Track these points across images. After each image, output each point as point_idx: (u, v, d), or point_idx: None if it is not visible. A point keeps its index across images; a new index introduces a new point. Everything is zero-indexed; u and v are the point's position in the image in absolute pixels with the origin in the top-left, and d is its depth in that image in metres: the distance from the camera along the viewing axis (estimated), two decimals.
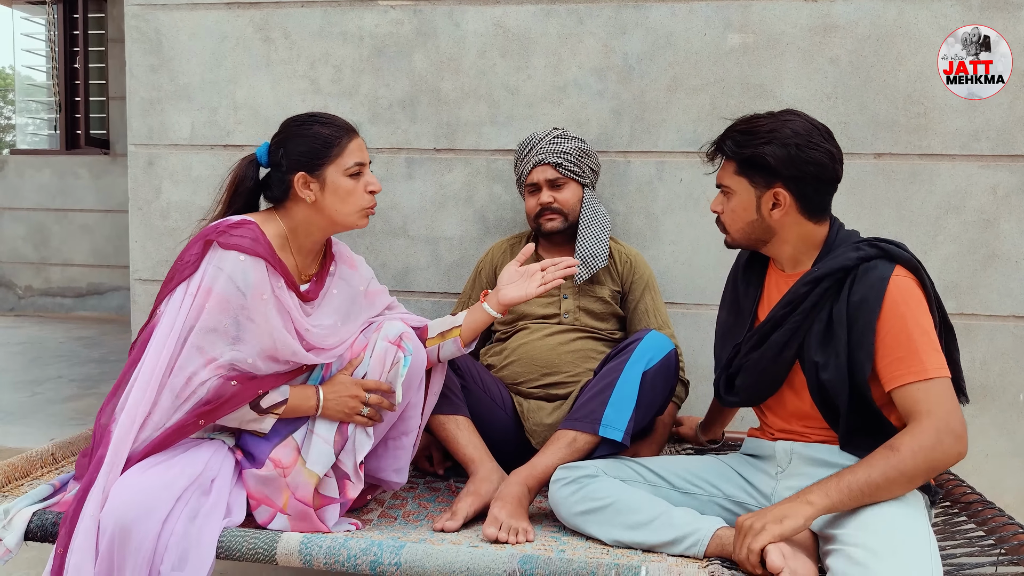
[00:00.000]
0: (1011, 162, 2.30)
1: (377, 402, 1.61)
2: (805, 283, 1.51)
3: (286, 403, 1.58)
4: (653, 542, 1.50)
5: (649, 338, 1.80)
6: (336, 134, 1.62)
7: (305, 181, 1.60)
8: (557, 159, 2.11)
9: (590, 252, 2.09)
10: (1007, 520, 1.50)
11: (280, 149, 1.63)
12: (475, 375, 1.98)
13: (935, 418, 1.35)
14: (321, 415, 1.60)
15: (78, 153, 6.47)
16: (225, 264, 1.52)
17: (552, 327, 2.10)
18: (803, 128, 1.50)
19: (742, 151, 1.52)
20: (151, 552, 1.36)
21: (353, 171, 1.62)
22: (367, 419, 1.60)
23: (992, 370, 2.34)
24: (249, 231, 1.56)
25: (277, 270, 1.58)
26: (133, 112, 2.65)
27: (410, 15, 2.51)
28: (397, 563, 1.38)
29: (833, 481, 1.36)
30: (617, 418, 1.71)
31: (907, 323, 1.40)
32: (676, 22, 2.40)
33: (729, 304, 1.73)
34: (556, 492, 1.63)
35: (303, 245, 1.66)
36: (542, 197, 2.12)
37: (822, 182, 1.51)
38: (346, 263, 1.78)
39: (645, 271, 2.18)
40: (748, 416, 2.41)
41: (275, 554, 1.43)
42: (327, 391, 1.60)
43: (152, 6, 2.62)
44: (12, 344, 4.98)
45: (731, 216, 1.59)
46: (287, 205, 1.65)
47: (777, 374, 1.57)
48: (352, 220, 1.65)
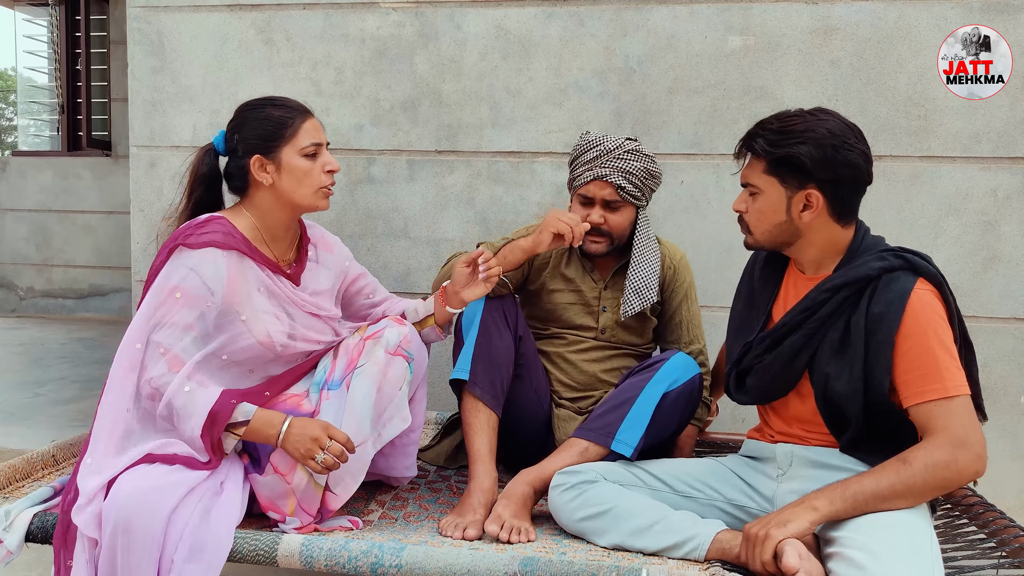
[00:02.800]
0: (1012, 164, 2.30)
1: (337, 453, 1.50)
2: (824, 290, 1.47)
3: (247, 425, 1.51)
4: (654, 547, 1.50)
5: (675, 359, 1.78)
6: (289, 115, 1.62)
7: (261, 164, 1.60)
8: (620, 180, 1.87)
9: (644, 285, 1.93)
10: (1009, 523, 1.49)
11: (235, 135, 1.63)
12: (531, 365, 1.95)
13: (951, 435, 1.33)
14: (281, 446, 1.52)
15: (80, 155, 6.47)
16: (194, 262, 1.53)
17: (589, 342, 2.01)
18: (838, 128, 1.44)
19: (775, 150, 1.46)
20: (157, 544, 1.35)
21: (309, 151, 1.62)
22: (320, 467, 1.49)
23: (993, 372, 2.34)
24: (219, 226, 1.57)
25: (257, 261, 1.59)
26: (135, 114, 2.66)
27: (411, 17, 2.52)
28: (398, 565, 1.38)
29: (839, 488, 1.35)
30: (630, 435, 1.70)
31: (928, 339, 1.38)
32: (677, 24, 2.40)
33: (745, 298, 1.70)
34: (556, 498, 1.63)
35: (274, 233, 1.66)
36: (593, 216, 1.90)
37: (856, 184, 1.47)
38: (324, 246, 1.79)
39: (686, 277, 2.04)
40: (748, 418, 2.41)
41: (276, 556, 1.43)
42: (293, 425, 1.51)
43: (154, 8, 2.62)
44: (14, 345, 4.99)
45: (757, 216, 1.53)
46: (249, 193, 1.65)
47: (788, 379, 1.55)
48: (311, 201, 1.64)
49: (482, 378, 1.81)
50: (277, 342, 1.60)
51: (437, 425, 2.34)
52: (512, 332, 1.88)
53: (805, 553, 1.30)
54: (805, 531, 1.32)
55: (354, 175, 2.58)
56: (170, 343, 1.51)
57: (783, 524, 1.33)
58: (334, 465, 1.50)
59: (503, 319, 1.86)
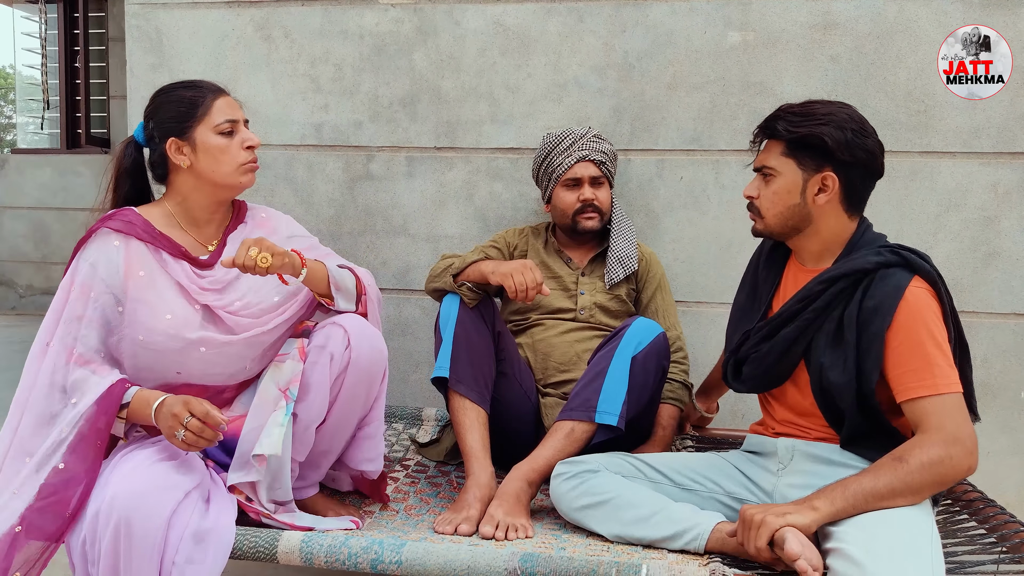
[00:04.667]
0: (1012, 160, 2.30)
1: (196, 429, 1.40)
2: (821, 281, 1.50)
3: (128, 406, 1.48)
4: (653, 537, 1.50)
5: (637, 324, 1.82)
6: (200, 94, 1.62)
7: (177, 146, 1.60)
8: (600, 157, 2.11)
9: (626, 254, 2.11)
10: (1009, 518, 1.49)
11: (150, 122, 1.63)
12: (513, 360, 1.98)
13: (945, 432, 1.34)
14: (156, 424, 1.46)
15: (79, 152, 6.46)
16: (90, 254, 1.54)
17: (567, 324, 2.10)
18: (857, 116, 1.50)
19: (797, 130, 1.49)
20: (158, 546, 1.34)
21: (224, 128, 1.61)
22: (183, 443, 1.41)
23: (993, 368, 2.34)
24: (123, 215, 1.58)
25: (157, 245, 1.57)
26: (134, 111, 2.65)
27: (410, 14, 2.51)
28: (398, 561, 1.39)
29: (839, 489, 1.36)
30: (611, 404, 1.73)
31: (920, 335, 1.39)
32: (676, 20, 2.40)
33: (748, 288, 1.72)
34: (557, 487, 1.64)
35: (196, 217, 1.65)
36: (584, 192, 2.09)
37: (869, 172, 1.51)
38: (260, 224, 1.73)
39: (658, 270, 2.20)
40: (749, 414, 2.41)
41: (276, 552, 1.43)
42: (165, 402, 1.45)
43: (152, 5, 2.61)
44: (13, 342, 4.98)
45: (770, 200, 1.55)
46: (171, 180, 1.64)
47: (784, 368, 1.57)
48: (233, 179, 1.62)
49: (465, 375, 1.83)
50: (184, 332, 1.54)
51: (437, 422, 2.34)
52: (490, 329, 1.91)
53: (806, 541, 1.31)
54: (803, 527, 1.33)
55: (353, 172, 2.57)
56: (71, 338, 1.51)
57: (781, 515, 1.34)
58: (195, 442, 1.41)
59: (479, 316, 1.89)
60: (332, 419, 1.64)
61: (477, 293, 1.89)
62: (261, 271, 1.49)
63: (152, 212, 1.62)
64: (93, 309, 1.52)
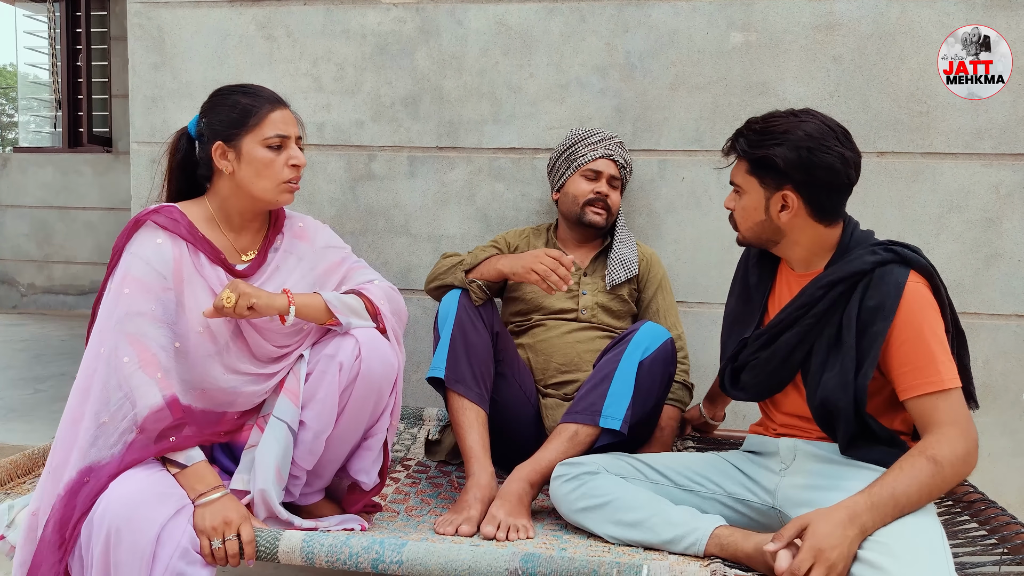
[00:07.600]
0: (1014, 161, 2.30)
1: (232, 553, 1.40)
2: (820, 287, 1.49)
3: (183, 470, 1.46)
4: (652, 541, 1.50)
5: (645, 328, 1.81)
6: (256, 104, 1.57)
7: (223, 151, 1.57)
8: (623, 161, 2.19)
9: (628, 259, 2.14)
10: (1010, 519, 1.49)
11: (203, 119, 1.60)
12: (512, 362, 1.98)
13: (961, 428, 1.34)
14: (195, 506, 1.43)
15: (81, 151, 6.47)
16: (139, 248, 1.51)
17: (570, 324, 2.09)
18: (816, 131, 1.45)
19: (753, 151, 1.49)
20: (146, 560, 1.32)
21: (273, 142, 1.56)
22: (209, 553, 1.39)
23: (994, 369, 2.34)
24: (167, 211, 1.55)
25: (197, 247, 1.55)
26: (136, 110, 2.65)
27: (412, 13, 2.51)
28: (399, 561, 1.38)
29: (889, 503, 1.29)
30: (616, 409, 1.73)
31: (923, 332, 1.39)
32: (679, 20, 2.40)
33: (739, 293, 1.71)
34: (557, 488, 1.64)
35: (233, 222, 1.62)
36: (601, 186, 2.14)
37: (832, 187, 1.47)
38: (298, 236, 1.70)
39: (659, 271, 2.20)
40: (749, 415, 2.41)
41: (277, 552, 1.43)
42: (221, 500, 1.43)
43: (155, 4, 2.62)
44: (15, 341, 4.99)
45: (741, 214, 1.57)
46: (213, 181, 1.61)
47: (783, 375, 1.56)
48: (271, 195, 1.58)
49: (464, 376, 1.83)
50: (219, 335, 1.54)
51: (438, 422, 2.34)
52: (489, 329, 1.90)
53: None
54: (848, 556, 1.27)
55: (355, 171, 2.58)
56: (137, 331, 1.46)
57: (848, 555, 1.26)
58: (221, 560, 1.40)
59: (478, 316, 1.88)
60: (338, 428, 1.61)
61: (486, 292, 1.89)
62: (243, 315, 1.48)
63: (193, 210, 1.59)
64: (157, 306, 1.48)
